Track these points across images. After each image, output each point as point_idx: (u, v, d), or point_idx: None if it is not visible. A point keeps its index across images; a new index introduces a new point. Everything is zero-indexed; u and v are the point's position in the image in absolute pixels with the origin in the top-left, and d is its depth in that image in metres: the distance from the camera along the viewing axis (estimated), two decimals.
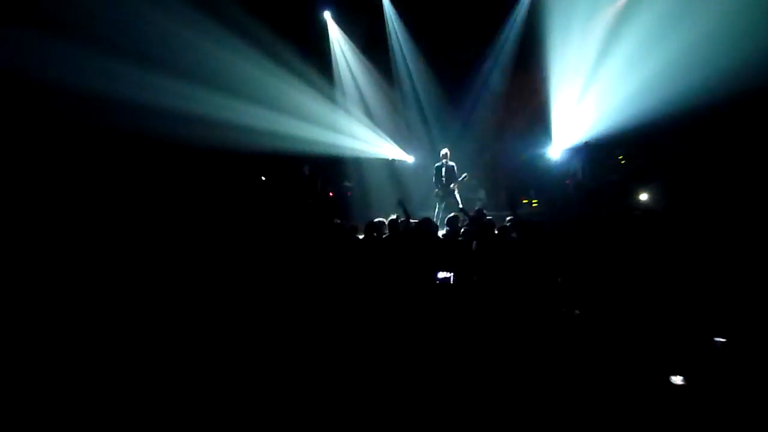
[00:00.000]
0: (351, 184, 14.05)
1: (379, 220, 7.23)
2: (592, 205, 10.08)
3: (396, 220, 7.49)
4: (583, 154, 11.32)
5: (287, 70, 12.48)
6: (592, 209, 9.78)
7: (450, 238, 6.89)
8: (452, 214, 7.99)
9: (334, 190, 13.54)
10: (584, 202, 10.30)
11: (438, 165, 11.11)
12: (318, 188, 12.13)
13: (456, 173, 11.00)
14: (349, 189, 14.00)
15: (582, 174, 11.17)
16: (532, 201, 13.10)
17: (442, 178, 10.99)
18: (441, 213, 10.66)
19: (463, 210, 9.29)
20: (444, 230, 7.67)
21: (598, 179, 11.02)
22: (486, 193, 13.27)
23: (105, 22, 9.27)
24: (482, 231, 6.49)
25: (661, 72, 10.25)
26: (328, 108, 13.62)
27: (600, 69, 11.78)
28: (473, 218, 7.29)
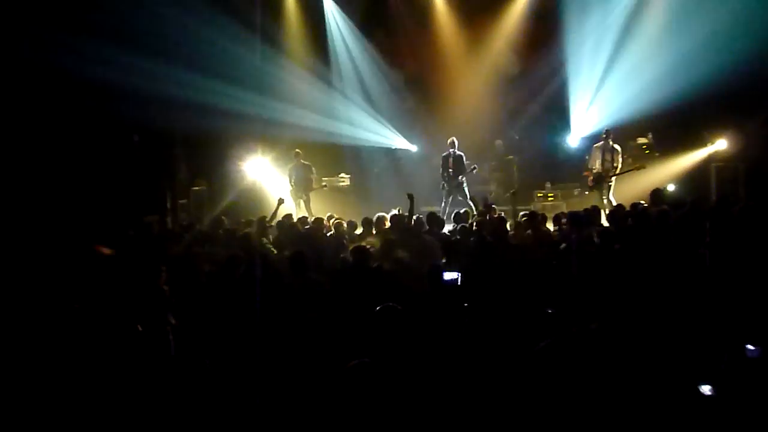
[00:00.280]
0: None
1: (381, 214, 7.37)
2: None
3: (398, 214, 7.51)
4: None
5: (276, 51, 12.14)
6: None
7: (458, 236, 6.76)
8: (462, 210, 8.15)
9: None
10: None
11: (444, 155, 10.82)
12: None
13: (464, 164, 10.71)
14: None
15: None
16: (548, 194, 12.27)
17: (449, 170, 10.66)
18: (448, 207, 10.43)
19: (474, 200, 9.51)
20: (450, 226, 7.67)
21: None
22: (498, 184, 12.88)
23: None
24: (491, 227, 6.61)
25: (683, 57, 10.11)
26: (323, 91, 13.15)
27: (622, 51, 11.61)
28: (480, 212, 7.49)
